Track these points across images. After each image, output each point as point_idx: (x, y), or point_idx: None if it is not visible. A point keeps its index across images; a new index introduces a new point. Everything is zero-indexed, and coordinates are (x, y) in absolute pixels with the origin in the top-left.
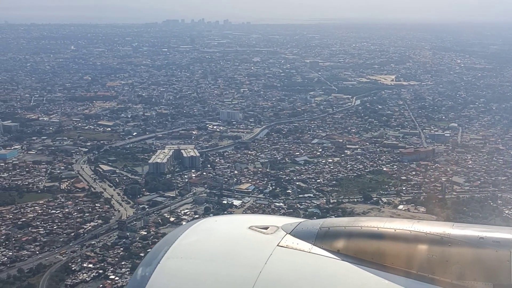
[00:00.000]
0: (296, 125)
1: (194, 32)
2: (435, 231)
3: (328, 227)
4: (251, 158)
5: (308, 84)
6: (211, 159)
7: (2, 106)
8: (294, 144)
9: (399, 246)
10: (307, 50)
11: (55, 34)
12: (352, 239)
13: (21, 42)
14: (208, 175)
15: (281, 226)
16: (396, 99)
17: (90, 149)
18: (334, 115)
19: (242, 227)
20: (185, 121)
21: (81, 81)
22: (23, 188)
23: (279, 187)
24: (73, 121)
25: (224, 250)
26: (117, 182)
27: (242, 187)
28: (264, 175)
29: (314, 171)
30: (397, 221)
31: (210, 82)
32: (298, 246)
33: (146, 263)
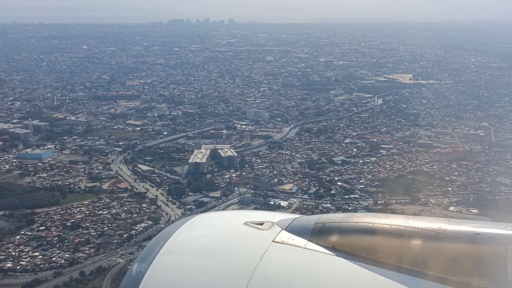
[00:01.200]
0: (325, 125)
1: (202, 32)
2: (431, 227)
3: (324, 223)
4: (286, 158)
5: (327, 83)
6: (247, 159)
7: (26, 105)
8: (327, 144)
9: (394, 242)
10: (318, 49)
11: (64, 33)
12: (347, 235)
13: (33, 42)
14: (248, 175)
15: (276, 222)
16: (419, 98)
17: (124, 149)
18: (360, 114)
19: (237, 223)
20: (212, 120)
21: (100, 80)
22: (65, 189)
23: (322, 187)
24: (101, 121)
25: (220, 245)
26: (159, 182)
27: (285, 187)
28: (304, 176)
29: (354, 171)
30: (392, 217)
31: (228, 81)
32: (293, 242)
33: (142, 259)
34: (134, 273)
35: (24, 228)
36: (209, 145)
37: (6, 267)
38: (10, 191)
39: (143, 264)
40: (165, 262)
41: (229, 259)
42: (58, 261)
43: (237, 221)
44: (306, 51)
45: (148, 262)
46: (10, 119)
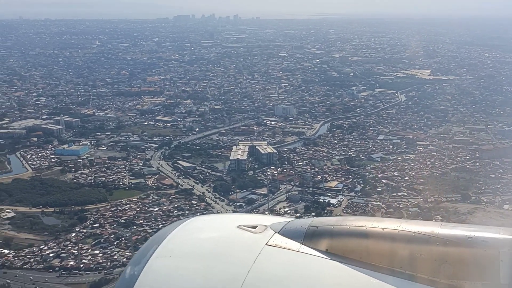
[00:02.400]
0: (354, 121)
1: (209, 28)
2: (423, 231)
3: (317, 226)
4: (324, 155)
5: (346, 79)
6: (284, 155)
7: (52, 101)
8: (361, 141)
9: (387, 246)
10: (329, 44)
11: (73, 29)
12: (340, 238)
13: (44, 37)
14: (290, 172)
15: (270, 225)
16: (443, 94)
17: (160, 145)
18: (387, 111)
19: (231, 226)
20: (241, 117)
21: (120, 76)
22: (110, 185)
23: (367, 185)
24: (130, 117)
25: (213, 249)
26: (202, 179)
27: (330, 185)
28: (346, 173)
29: (396, 168)
30: (385, 220)
31: (247, 77)
32: (286, 245)
33: (135, 262)
34: (127, 276)
35: (78, 225)
36: (246, 141)
37: (69, 265)
38: (55, 188)
39: (137, 267)
40: (158, 265)
41: (222, 262)
42: (120, 259)
43: (231, 225)
44: (318, 47)
45: (141, 265)
46: (39, 115)
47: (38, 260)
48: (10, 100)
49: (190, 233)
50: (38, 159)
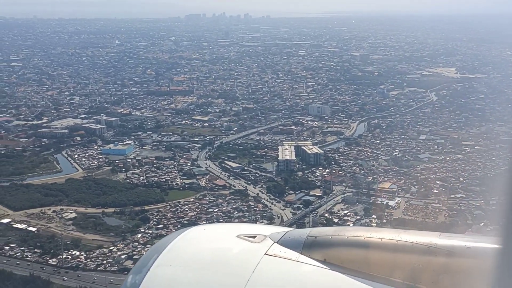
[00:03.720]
0: (391, 120)
1: (222, 27)
2: (422, 241)
3: (315, 236)
4: (369, 155)
5: (372, 78)
6: (329, 155)
7: (85, 100)
8: (403, 140)
9: (385, 256)
10: (345, 43)
11: (89, 28)
12: (339, 248)
13: (63, 37)
14: (339, 173)
15: (269, 235)
16: (475, 93)
17: (203, 145)
18: (422, 110)
19: (230, 236)
20: (276, 116)
21: (146, 75)
22: (163, 185)
23: (422, 186)
24: (166, 116)
25: (213, 258)
26: (253, 180)
27: (384, 186)
28: (396, 173)
29: (447, 169)
30: (384, 231)
31: (272, 76)
32: (285, 254)
33: (136, 271)
34: (129, 285)
35: (142, 226)
36: (291, 141)
37: None
38: (110, 188)
39: (138, 276)
40: (159, 274)
41: (222, 271)
42: None
43: (230, 234)
44: (335, 45)
45: (142, 274)
46: (77, 114)
47: (110, 261)
48: (44, 99)
49: (190, 243)
50: (86, 159)
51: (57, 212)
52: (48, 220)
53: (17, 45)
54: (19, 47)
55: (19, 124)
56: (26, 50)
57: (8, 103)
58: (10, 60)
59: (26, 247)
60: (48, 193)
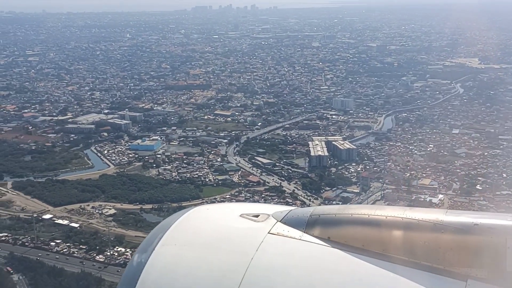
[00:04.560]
0: (419, 114)
1: (230, 18)
2: (428, 218)
3: (318, 214)
4: (401, 150)
5: (392, 69)
6: (360, 151)
7: (106, 95)
8: (435, 135)
9: (390, 233)
10: (358, 33)
11: (98, 22)
12: (342, 226)
13: (74, 31)
14: (374, 169)
15: (272, 214)
16: (502, 84)
17: (230, 140)
18: (451, 102)
19: (234, 215)
20: (299, 110)
21: (162, 69)
22: (196, 181)
23: (464, 183)
24: (187, 111)
25: (216, 237)
26: (286, 176)
27: (424, 182)
28: (434, 169)
29: (488, 165)
30: (388, 208)
31: (288, 68)
32: (288, 233)
33: (142, 250)
34: (135, 264)
35: None
36: (320, 136)
37: None
38: (145, 184)
39: (144, 255)
40: (164, 253)
41: (226, 250)
42: None
43: (233, 213)
44: (348, 36)
45: (148, 253)
46: (100, 110)
47: None
48: (66, 94)
49: (194, 222)
50: (116, 154)
51: (96, 208)
52: (88, 216)
53: (30, 39)
54: (33, 42)
55: (45, 119)
56: (40, 44)
57: (31, 98)
58: (26, 55)
59: (72, 243)
60: (85, 189)
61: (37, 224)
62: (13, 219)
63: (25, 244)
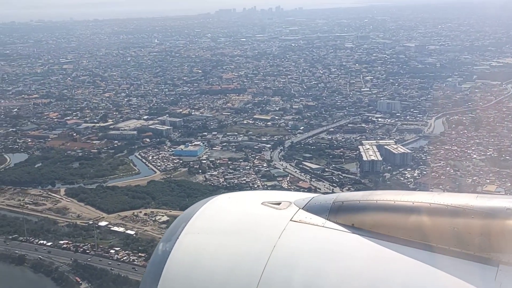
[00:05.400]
0: (472, 116)
1: (256, 21)
2: (457, 203)
3: (342, 201)
4: (459, 154)
5: (435, 70)
6: (414, 155)
7: (143, 101)
8: (493, 138)
9: (417, 219)
10: (393, 33)
11: (125, 29)
12: (367, 213)
13: (103, 38)
14: (431, 175)
15: (294, 201)
16: None
17: (273, 145)
18: (506, 104)
19: (255, 203)
20: (341, 113)
21: (194, 74)
22: (244, 187)
23: None
24: (225, 115)
25: (238, 225)
26: (337, 182)
27: (489, 189)
28: (498, 175)
29: None
30: (415, 193)
31: (323, 71)
32: (311, 220)
33: (166, 239)
34: (160, 252)
35: None
36: (370, 140)
37: None
38: (193, 190)
39: (168, 244)
40: (187, 241)
41: (248, 238)
42: None
43: (255, 201)
44: (382, 36)
45: (172, 241)
46: (139, 116)
47: None
48: (104, 101)
49: (216, 211)
50: (160, 160)
51: (149, 215)
52: (142, 223)
53: (62, 47)
54: (65, 50)
55: (88, 126)
56: (73, 52)
57: (71, 105)
58: (61, 62)
59: (130, 251)
60: (135, 196)
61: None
62: (70, 226)
63: (86, 252)
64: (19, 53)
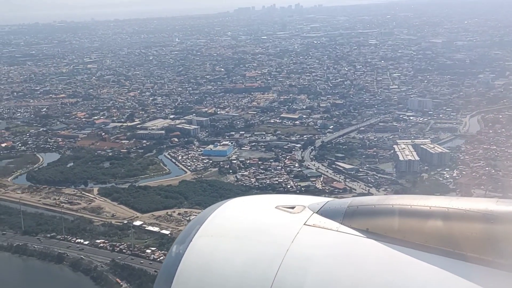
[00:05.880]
0: (510, 114)
1: (276, 18)
2: (476, 208)
3: (357, 205)
4: (499, 154)
5: (465, 66)
6: (452, 155)
7: (168, 100)
8: None
9: (434, 224)
10: (417, 29)
11: (145, 28)
12: (383, 217)
13: (124, 38)
14: (472, 175)
15: (308, 205)
16: None
17: (303, 145)
18: None
19: (269, 207)
20: (371, 112)
21: (216, 72)
22: (277, 188)
23: None
24: (251, 115)
25: (252, 228)
26: (373, 182)
27: None
28: None
29: None
30: (432, 198)
31: (348, 68)
32: (325, 225)
33: (180, 241)
34: (173, 254)
35: None
36: (404, 140)
37: None
38: (226, 190)
39: (182, 246)
40: (201, 244)
41: (261, 241)
42: None
43: (268, 205)
44: (406, 32)
45: (186, 244)
46: (165, 115)
47: None
48: (129, 100)
49: (230, 214)
50: (190, 160)
51: (183, 215)
52: (177, 223)
53: (85, 47)
54: (88, 49)
55: (116, 126)
56: (96, 52)
57: (98, 105)
58: (85, 62)
59: (166, 251)
60: (168, 195)
61: (129, 231)
62: (105, 225)
63: (122, 251)
64: (45, 53)
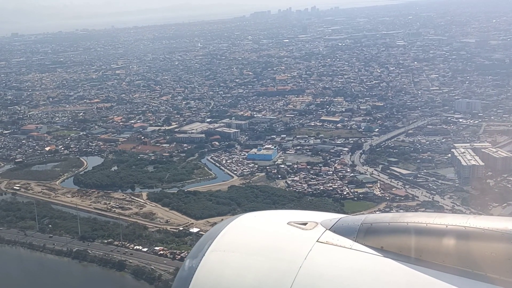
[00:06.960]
0: None
1: (294, 21)
2: (495, 227)
3: (371, 223)
4: None
5: (506, 66)
6: None
7: (201, 104)
8: None
9: (451, 243)
10: (444, 29)
11: (165, 34)
12: (397, 235)
13: (147, 44)
14: None
15: (320, 222)
16: None
17: (351, 149)
18: None
19: (281, 223)
20: (416, 114)
21: (244, 76)
22: (333, 195)
23: None
24: (289, 117)
25: (264, 244)
26: (436, 189)
27: None
28: None
29: None
30: (448, 216)
31: (381, 69)
32: (338, 242)
33: (192, 256)
34: (186, 268)
35: None
36: (463, 144)
37: None
38: (278, 197)
39: (194, 261)
40: (213, 259)
41: (274, 258)
42: None
43: (281, 221)
44: (433, 33)
45: (198, 258)
46: (202, 119)
47: None
48: (162, 104)
49: (242, 229)
50: (235, 164)
51: None
52: None
53: (111, 54)
54: (114, 56)
55: (155, 129)
56: (121, 58)
57: (132, 109)
58: (113, 68)
59: None
60: (219, 201)
61: (186, 238)
62: (161, 232)
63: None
64: (73, 60)
